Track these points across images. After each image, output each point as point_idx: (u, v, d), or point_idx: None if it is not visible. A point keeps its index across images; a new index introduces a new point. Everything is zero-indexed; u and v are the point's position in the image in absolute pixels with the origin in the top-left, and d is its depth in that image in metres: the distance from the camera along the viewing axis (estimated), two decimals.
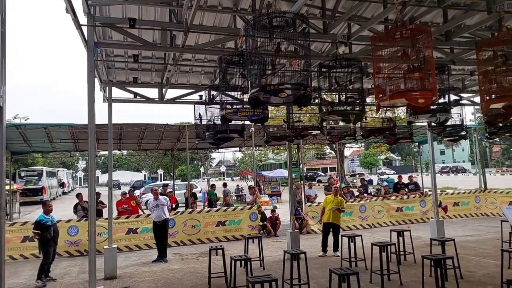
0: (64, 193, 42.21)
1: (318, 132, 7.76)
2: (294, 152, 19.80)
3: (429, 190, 12.25)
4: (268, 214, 12.97)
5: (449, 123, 7.47)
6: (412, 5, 5.92)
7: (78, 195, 11.70)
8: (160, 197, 9.53)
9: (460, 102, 9.89)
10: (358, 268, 7.40)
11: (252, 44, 4.47)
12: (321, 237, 9.38)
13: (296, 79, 4.36)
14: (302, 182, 15.15)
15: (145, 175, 66.69)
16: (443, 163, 71.05)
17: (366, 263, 7.61)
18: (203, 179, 56.82)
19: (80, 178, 67.11)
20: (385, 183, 18.00)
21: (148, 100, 8.97)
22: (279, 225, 12.50)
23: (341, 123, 9.62)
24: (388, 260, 6.99)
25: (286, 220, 11.02)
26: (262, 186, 27.68)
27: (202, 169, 69.63)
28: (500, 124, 7.54)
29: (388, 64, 4.82)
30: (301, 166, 19.68)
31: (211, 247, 7.44)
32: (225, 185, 16.78)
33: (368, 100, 9.28)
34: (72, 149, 16.02)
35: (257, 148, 23.17)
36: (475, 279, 6.81)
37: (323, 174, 50.15)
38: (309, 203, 13.25)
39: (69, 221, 10.55)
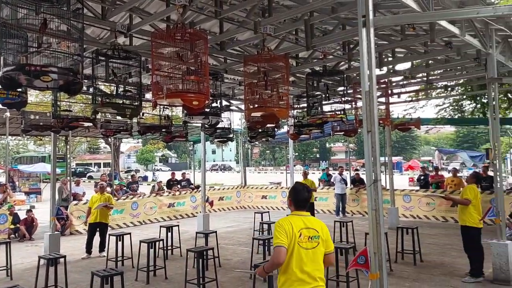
0: None
1: (91, 124, 7.22)
2: (62, 144, 17.79)
3: (199, 186, 13.17)
4: (22, 215, 11.19)
5: (219, 125, 8.24)
6: (192, 10, 6.17)
7: None
8: None
9: (230, 108, 11.03)
10: (125, 267, 7.22)
11: (11, 14, 3.75)
12: (86, 238, 8.70)
13: (65, 63, 3.87)
14: (69, 178, 13.72)
15: None
16: (214, 161, 78.05)
17: (133, 261, 7.49)
18: None
19: None
20: (159, 180, 18.34)
21: None
22: (35, 227, 10.94)
23: (118, 117, 9.20)
24: (155, 256, 7.07)
25: (46, 221, 9.70)
26: (17, 183, 23.82)
27: None
28: (259, 130, 8.88)
29: (167, 63, 4.86)
30: (69, 161, 17.84)
31: None
32: None
33: (147, 96, 9.18)
34: None
35: (14, 137, 19.69)
36: (230, 266, 7.66)
37: (95, 170, 47.11)
38: (75, 202, 12.13)
39: None
